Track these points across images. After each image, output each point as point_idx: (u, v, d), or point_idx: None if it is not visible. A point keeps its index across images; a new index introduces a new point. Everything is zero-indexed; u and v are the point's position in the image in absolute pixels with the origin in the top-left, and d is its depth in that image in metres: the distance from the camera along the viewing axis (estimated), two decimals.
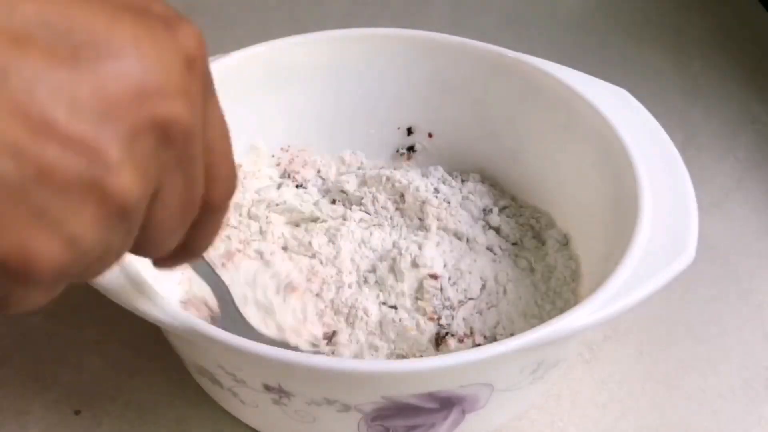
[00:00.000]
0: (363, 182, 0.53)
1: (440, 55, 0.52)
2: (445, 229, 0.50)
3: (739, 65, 0.77)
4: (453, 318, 0.45)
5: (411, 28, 0.53)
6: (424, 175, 0.54)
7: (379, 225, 0.51)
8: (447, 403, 0.37)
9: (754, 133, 0.69)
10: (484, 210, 0.52)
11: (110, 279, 0.35)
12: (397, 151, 0.56)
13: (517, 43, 0.79)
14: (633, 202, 0.40)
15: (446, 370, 0.33)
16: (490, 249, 0.49)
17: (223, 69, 0.48)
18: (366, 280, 0.47)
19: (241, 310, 0.44)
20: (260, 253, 0.48)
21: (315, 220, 0.51)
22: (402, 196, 0.51)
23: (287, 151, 0.55)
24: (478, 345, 0.44)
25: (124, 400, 0.47)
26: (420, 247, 0.47)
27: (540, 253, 0.50)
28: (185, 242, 0.27)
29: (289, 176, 0.54)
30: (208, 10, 0.84)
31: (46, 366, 0.49)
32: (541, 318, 0.46)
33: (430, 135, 0.56)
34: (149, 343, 0.49)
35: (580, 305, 0.35)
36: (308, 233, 0.50)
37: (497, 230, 0.51)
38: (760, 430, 0.46)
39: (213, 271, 0.43)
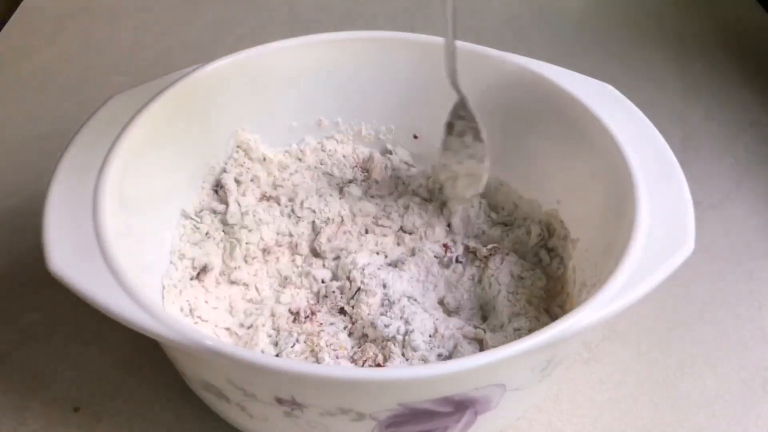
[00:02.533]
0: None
1: (425, 57, 0.52)
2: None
3: (740, 67, 0.77)
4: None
5: (409, 29, 0.53)
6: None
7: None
8: (461, 406, 0.37)
9: (753, 135, 0.69)
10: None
11: (112, 297, 0.35)
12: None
13: (517, 43, 0.79)
14: (629, 196, 0.41)
15: (462, 374, 0.33)
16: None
17: (208, 75, 0.49)
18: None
19: None
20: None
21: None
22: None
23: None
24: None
25: (123, 397, 0.47)
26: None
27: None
28: None
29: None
30: (209, 10, 0.85)
31: (46, 363, 0.49)
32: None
33: (415, 137, 0.56)
34: (149, 341, 0.48)
35: (587, 302, 0.35)
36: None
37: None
38: (757, 430, 0.47)
39: None
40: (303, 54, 0.52)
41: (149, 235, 0.45)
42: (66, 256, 0.36)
